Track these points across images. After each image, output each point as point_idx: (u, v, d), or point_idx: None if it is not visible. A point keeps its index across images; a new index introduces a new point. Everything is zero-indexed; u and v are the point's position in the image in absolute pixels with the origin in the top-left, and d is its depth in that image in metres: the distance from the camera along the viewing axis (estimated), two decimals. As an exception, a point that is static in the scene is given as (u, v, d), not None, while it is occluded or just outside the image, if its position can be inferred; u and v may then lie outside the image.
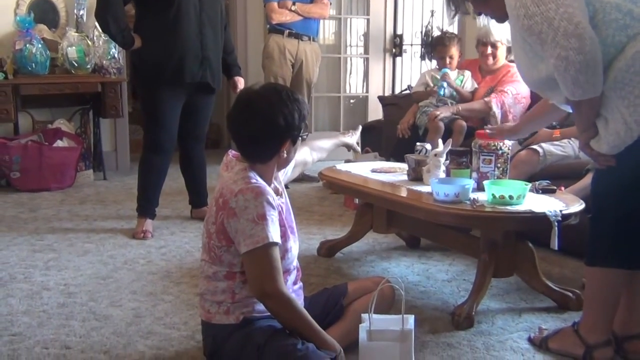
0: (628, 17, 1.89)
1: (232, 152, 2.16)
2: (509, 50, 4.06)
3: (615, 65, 1.90)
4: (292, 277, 2.16)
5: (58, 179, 4.97)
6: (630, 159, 1.95)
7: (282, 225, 2.06)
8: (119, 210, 4.36)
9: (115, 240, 3.67)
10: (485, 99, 4.07)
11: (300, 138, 2.12)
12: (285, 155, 2.09)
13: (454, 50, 4.32)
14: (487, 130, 2.71)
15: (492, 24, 4.30)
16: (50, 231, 3.84)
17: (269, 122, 2.01)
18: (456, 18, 2.30)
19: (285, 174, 2.34)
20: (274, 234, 1.97)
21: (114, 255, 3.39)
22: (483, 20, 3.64)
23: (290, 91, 2.10)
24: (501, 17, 2.11)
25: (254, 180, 2.00)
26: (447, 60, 4.29)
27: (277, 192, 2.15)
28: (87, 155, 5.33)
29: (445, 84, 4.21)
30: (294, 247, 2.15)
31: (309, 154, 2.53)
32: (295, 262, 2.19)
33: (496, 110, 3.92)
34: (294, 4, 4.94)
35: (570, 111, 2.48)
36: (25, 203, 4.54)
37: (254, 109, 2.03)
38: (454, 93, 4.23)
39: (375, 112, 6.14)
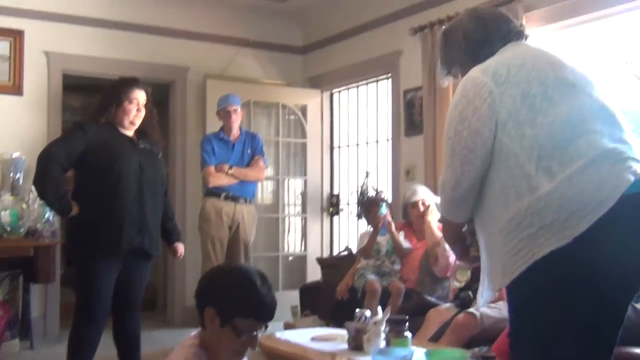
0: (519, 178, 2.02)
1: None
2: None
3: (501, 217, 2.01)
4: None
5: (-20, 351, 4.69)
6: (530, 328, 1.97)
7: None
8: (45, 384, 4.11)
9: (39, 420, 3.43)
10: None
11: (235, 325, 2.05)
12: (211, 328, 2.05)
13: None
14: None
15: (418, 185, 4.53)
16: (-34, 413, 3.57)
17: (199, 284, 2.17)
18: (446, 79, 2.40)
19: None
20: None
21: None
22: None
23: (241, 271, 2.19)
24: None
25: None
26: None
27: None
28: (13, 323, 5.08)
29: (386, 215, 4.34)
30: None
31: None
32: None
33: None
34: (230, 167, 5.07)
35: None
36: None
37: None
38: (390, 249, 4.33)
39: (314, 272, 6.13)
